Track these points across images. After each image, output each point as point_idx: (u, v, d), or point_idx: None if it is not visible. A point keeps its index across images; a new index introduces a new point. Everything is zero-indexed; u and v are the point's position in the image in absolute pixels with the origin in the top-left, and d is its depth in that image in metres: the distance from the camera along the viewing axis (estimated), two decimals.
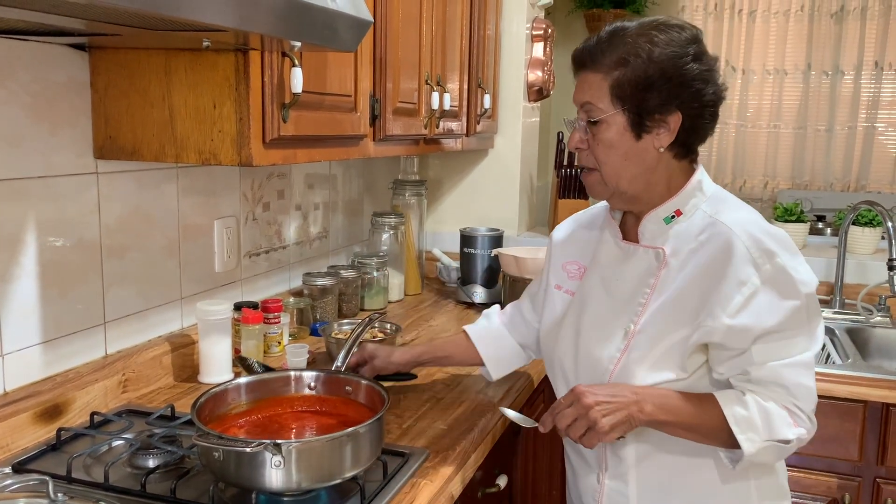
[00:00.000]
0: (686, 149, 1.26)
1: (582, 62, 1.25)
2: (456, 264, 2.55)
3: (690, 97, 1.20)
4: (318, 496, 1.17)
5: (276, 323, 1.83)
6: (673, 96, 1.19)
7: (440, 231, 2.79)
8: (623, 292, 1.30)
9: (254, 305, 1.76)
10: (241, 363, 1.52)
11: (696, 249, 1.24)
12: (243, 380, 1.29)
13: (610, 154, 1.24)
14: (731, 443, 1.19)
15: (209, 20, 0.95)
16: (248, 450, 1.04)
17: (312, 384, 1.33)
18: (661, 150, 1.23)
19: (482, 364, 1.60)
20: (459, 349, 1.61)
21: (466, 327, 1.63)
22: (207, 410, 1.19)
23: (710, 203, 1.27)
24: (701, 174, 1.29)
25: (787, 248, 1.20)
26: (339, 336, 1.79)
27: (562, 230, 1.52)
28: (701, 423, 1.20)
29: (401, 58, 1.84)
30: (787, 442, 1.19)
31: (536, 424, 1.28)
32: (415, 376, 1.63)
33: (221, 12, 0.98)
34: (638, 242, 1.31)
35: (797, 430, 1.20)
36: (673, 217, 1.27)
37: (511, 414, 1.33)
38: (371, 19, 1.27)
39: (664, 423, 1.20)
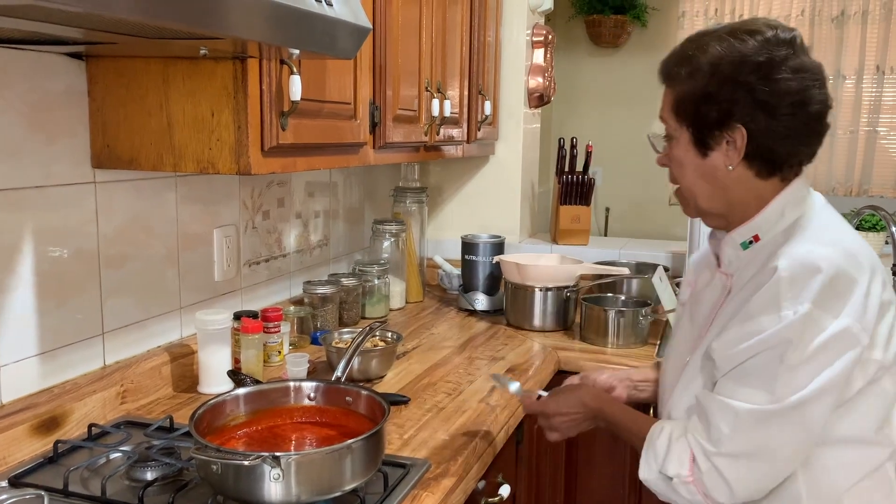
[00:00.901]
0: (771, 165, 1.13)
1: (660, 75, 1.21)
2: (457, 271, 2.54)
3: (754, 108, 1.09)
4: None
5: (277, 332, 1.82)
6: (731, 109, 1.10)
7: (441, 238, 2.78)
8: (698, 320, 1.26)
9: (253, 315, 1.74)
10: (232, 377, 1.50)
11: (750, 281, 1.14)
12: (242, 391, 1.27)
13: (683, 172, 1.19)
14: None
15: (205, 28, 0.95)
16: (246, 463, 1.03)
17: (312, 395, 1.31)
18: (731, 168, 1.13)
19: None
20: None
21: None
22: (205, 422, 1.18)
23: (788, 230, 1.14)
24: (790, 195, 1.15)
25: (830, 298, 1.04)
26: (340, 345, 1.78)
27: (701, 247, 1.42)
28: (636, 437, 1.22)
29: (401, 65, 1.83)
30: (669, 478, 1.13)
31: (522, 393, 1.44)
32: (407, 399, 1.61)
33: (218, 20, 0.97)
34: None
35: (679, 469, 1.12)
36: (751, 242, 1.17)
37: (503, 381, 1.45)
38: (370, 26, 1.26)
39: (611, 431, 1.32)
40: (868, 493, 1.13)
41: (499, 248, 2.41)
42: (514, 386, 1.45)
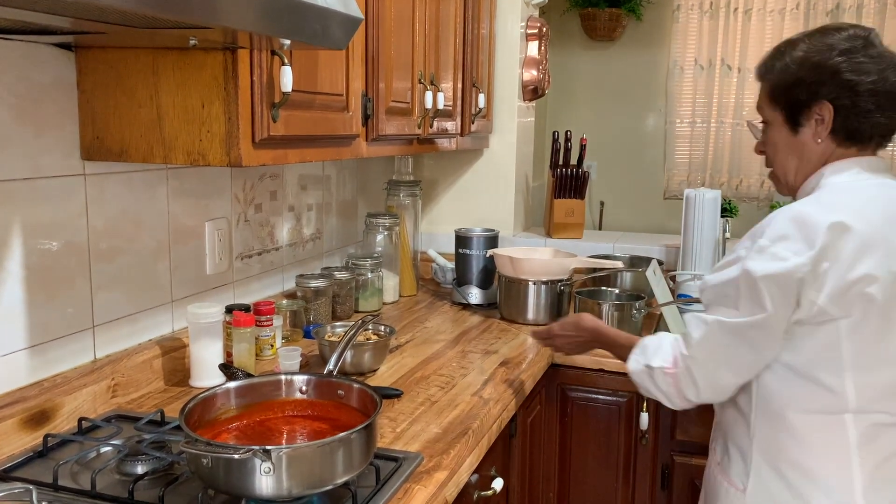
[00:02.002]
0: (853, 138, 1.29)
1: (756, 73, 1.40)
2: (451, 265, 2.53)
3: (839, 88, 1.26)
4: (309, 502, 1.15)
5: (269, 325, 1.81)
6: (819, 89, 1.28)
7: (435, 232, 2.77)
8: None
9: (245, 308, 1.73)
10: (223, 371, 1.49)
11: None
12: (232, 384, 1.26)
13: (777, 152, 1.37)
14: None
15: (194, 18, 0.93)
16: (236, 456, 1.02)
17: (304, 388, 1.31)
18: (820, 141, 1.30)
19: None
20: None
21: None
22: (196, 416, 1.17)
23: (810, 193, 1.31)
24: (837, 165, 1.30)
25: (785, 233, 1.21)
26: (333, 338, 1.77)
27: None
28: (620, 355, 1.49)
29: (393, 57, 1.82)
30: (653, 368, 1.36)
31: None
32: (400, 392, 1.61)
33: (207, 9, 0.96)
34: None
35: (662, 362, 1.35)
36: None
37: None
38: (361, 16, 1.25)
39: (608, 351, 1.59)
40: (821, 435, 1.26)
41: (492, 241, 2.41)
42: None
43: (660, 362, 1.36)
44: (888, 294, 1.20)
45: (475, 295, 2.39)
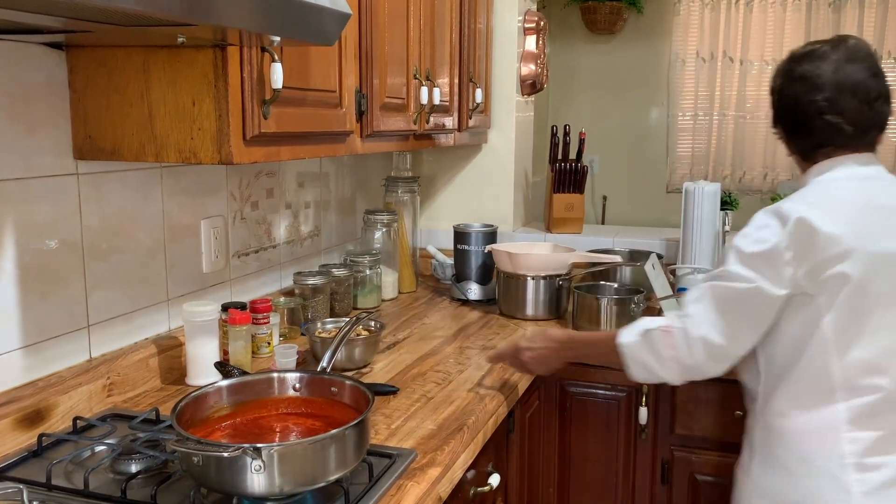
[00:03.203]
0: (802, 155, 1.45)
1: None
2: (450, 261, 2.53)
3: (784, 112, 1.44)
4: (303, 500, 1.15)
5: (266, 323, 1.81)
6: (776, 112, 1.47)
7: (434, 228, 2.76)
8: None
9: (241, 306, 1.73)
10: (219, 369, 1.49)
11: None
12: (224, 382, 1.26)
13: None
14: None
15: (181, 15, 0.93)
16: (226, 455, 1.02)
17: (297, 386, 1.30)
18: (790, 155, 1.49)
19: None
20: None
21: None
22: (188, 415, 1.17)
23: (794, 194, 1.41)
24: (816, 169, 1.41)
25: (765, 223, 1.33)
26: (323, 335, 1.77)
27: None
28: (605, 348, 1.50)
29: (388, 52, 1.81)
30: (650, 329, 1.41)
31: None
32: (396, 389, 1.60)
33: (193, 7, 0.95)
34: None
35: (659, 324, 1.41)
36: None
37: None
38: (350, 12, 1.25)
39: (577, 357, 1.67)
40: (811, 415, 1.33)
41: (491, 237, 2.40)
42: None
43: (657, 324, 1.41)
44: (863, 272, 1.27)
45: (474, 291, 2.38)
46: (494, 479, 1.53)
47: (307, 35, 1.19)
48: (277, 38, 1.22)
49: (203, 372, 1.61)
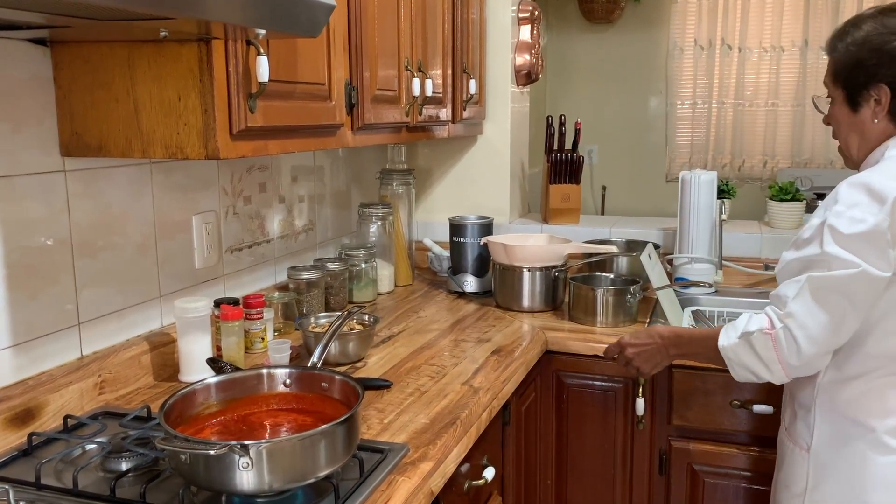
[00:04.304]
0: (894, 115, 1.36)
1: (825, 49, 1.46)
2: (446, 254, 2.52)
3: (882, 64, 1.34)
4: (293, 496, 1.14)
5: (259, 319, 1.80)
6: (877, 72, 1.35)
7: (430, 220, 2.75)
8: None
9: (234, 301, 1.72)
10: (211, 365, 1.48)
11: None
12: (213, 379, 1.25)
13: (840, 127, 1.45)
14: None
15: (159, 9, 0.92)
16: (212, 452, 1.01)
17: (287, 381, 1.30)
18: (877, 121, 1.37)
19: None
20: None
21: None
22: (177, 412, 1.16)
23: (874, 165, 1.36)
24: (891, 148, 1.35)
25: (856, 201, 1.27)
26: (316, 329, 1.76)
27: None
28: (706, 347, 1.45)
29: (378, 44, 1.80)
30: (751, 333, 1.35)
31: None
32: (389, 383, 1.59)
33: (172, 1, 0.94)
34: None
35: (759, 326, 1.35)
36: None
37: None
38: (334, 3, 1.23)
39: (684, 355, 1.58)
40: (882, 389, 1.33)
41: (487, 229, 2.39)
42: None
43: (756, 326, 1.35)
44: None
45: (470, 283, 2.37)
46: (489, 473, 1.53)
47: (291, 27, 1.18)
48: (262, 31, 1.20)
49: (196, 368, 1.60)
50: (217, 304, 1.70)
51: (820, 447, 1.40)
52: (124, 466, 1.21)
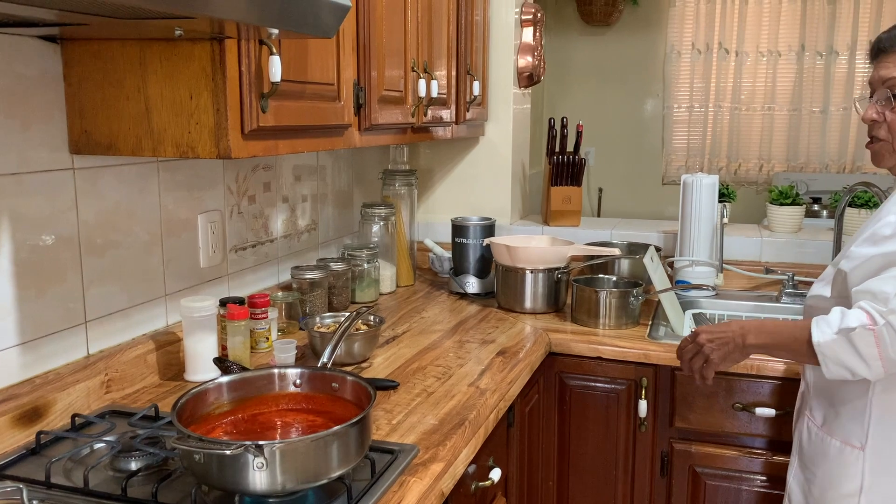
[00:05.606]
0: None
1: (882, 48, 1.46)
2: (448, 254, 2.52)
3: None
4: (305, 497, 1.14)
5: (264, 318, 1.80)
6: None
7: (432, 221, 2.75)
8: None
9: (240, 301, 1.72)
10: (218, 364, 1.48)
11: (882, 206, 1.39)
12: (225, 379, 1.25)
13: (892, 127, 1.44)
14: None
15: (178, 8, 0.92)
16: (228, 452, 1.01)
17: (298, 381, 1.29)
18: None
19: None
20: None
21: None
22: (188, 411, 1.16)
23: None
24: None
25: None
26: (323, 329, 1.76)
27: None
28: (793, 339, 1.36)
29: (385, 45, 1.80)
30: (852, 329, 1.27)
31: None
32: (396, 384, 1.59)
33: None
34: None
35: (860, 322, 1.27)
36: None
37: None
38: (349, 4, 1.23)
39: (763, 347, 1.42)
40: None
41: (489, 230, 2.39)
42: None
43: (857, 322, 1.28)
44: None
45: (472, 284, 2.37)
46: (496, 474, 1.53)
47: (306, 27, 1.18)
48: (276, 31, 1.20)
49: (202, 367, 1.60)
50: (223, 303, 1.69)
51: (877, 445, 1.37)
52: (134, 466, 1.21)
